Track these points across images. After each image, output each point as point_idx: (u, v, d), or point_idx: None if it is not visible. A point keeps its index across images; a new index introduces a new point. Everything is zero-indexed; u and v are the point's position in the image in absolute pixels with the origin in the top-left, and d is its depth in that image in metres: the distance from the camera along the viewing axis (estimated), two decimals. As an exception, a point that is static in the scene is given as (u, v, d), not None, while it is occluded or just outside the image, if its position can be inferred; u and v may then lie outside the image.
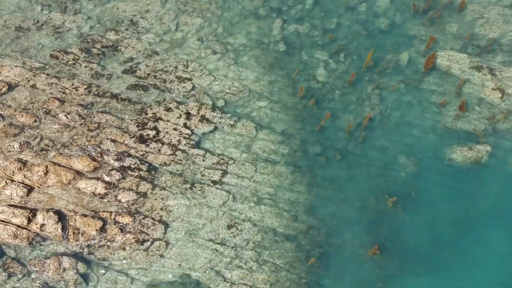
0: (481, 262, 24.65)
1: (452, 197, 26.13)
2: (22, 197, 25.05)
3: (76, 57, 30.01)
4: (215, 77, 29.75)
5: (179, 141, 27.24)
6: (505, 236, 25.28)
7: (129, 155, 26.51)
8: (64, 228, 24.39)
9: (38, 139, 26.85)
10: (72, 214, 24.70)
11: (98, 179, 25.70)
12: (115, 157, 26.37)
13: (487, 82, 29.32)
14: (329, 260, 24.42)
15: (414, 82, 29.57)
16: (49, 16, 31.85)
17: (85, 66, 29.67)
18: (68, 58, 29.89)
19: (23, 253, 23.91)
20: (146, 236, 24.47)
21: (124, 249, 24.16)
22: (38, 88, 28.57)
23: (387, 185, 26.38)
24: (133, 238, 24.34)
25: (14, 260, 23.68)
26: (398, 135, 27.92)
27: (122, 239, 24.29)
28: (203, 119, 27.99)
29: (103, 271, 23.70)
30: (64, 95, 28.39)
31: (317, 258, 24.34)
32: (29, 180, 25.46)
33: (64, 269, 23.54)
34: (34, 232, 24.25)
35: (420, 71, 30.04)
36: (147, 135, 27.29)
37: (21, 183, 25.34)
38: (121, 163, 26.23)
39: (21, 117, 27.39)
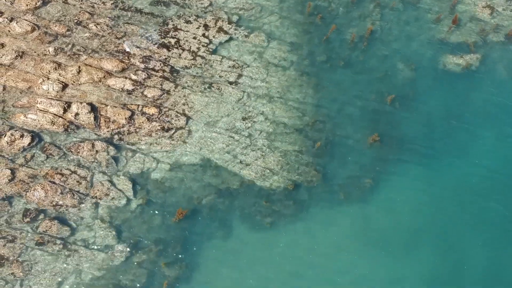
0: (470, 153, 26.41)
1: (445, 98, 27.83)
2: (57, 92, 26.74)
3: (103, -23, 31.56)
4: (230, -4, 31.37)
5: (198, 48, 28.90)
6: (492, 131, 27.01)
7: (153, 59, 28.16)
8: (96, 118, 26.10)
9: (71, 45, 28.47)
10: (103, 106, 26.41)
11: (126, 77, 27.39)
12: (141, 60, 28.03)
13: (478, 1, 30.90)
14: (334, 147, 26.18)
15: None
16: None
17: (112, -15, 31.23)
18: (96, -22, 31.45)
19: (59, 139, 25.61)
20: (170, 125, 26.21)
21: (150, 135, 25.90)
22: (69, 4, 30.13)
23: (386, 87, 28.09)
24: (159, 125, 26.08)
25: (51, 144, 25.39)
26: (396, 46, 29.56)
27: (148, 126, 26.03)
28: (220, 30, 29.63)
29: (131, 154, 25.45)
30: (93, 9, 29.98)
31: (323, 145, 26.08)
32: (63, 77, 27.14)
33: (97, 151, 25.29)
34: (69, 121, 25.95)
35: (417, -8, 31.68)
36: (169, 42, 28.93)
37: (56, 80, 27.02)
38: (146, 65, 27.90)
39: (55, 27, 28.99)
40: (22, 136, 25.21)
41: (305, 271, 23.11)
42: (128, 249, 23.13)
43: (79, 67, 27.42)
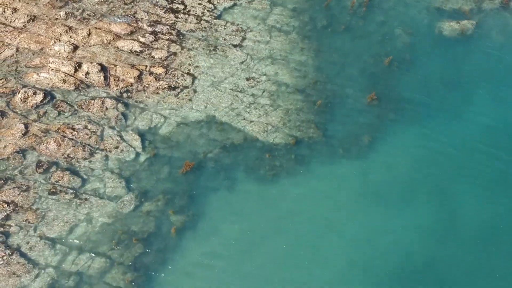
0: (465, 110, 27.08)
1: (441, 60, 28.50)
2: (68, 53, 27.41)
3: None
4: (234, -34, 31.95)
5: (203, 13, 29.55)
6: (486, 90, 27.68)
7: (160, 23, 28.81)
8: (105, 77, 26.79)
9: (81, 10, 29.13)
10: (112, 66, 27.08)
11: (134, 40, 28.06)
12: (148, 23, 28.68)
13: (474, -30, 31.59)
14: (334, 106, 26.84)
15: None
16: None
17: (120, -45, 31.84)
18: None
19: (71, 96, 26.31)
20: (177, 84, 26.89)
21: (158, 93, 26.59)
22: (79, -29, 30.76)
23: (384, 50, 28.74)
24: (166, 84, 26.76)
25: (63, 101, 26.09)
26: (395, 13, 30.20)
27: (156, 85, 26.71)
28: (224, -4, 30.33)
29: (140, 111, 26.14)
30: (102, -23, 30.62)
31: (323, 104, 26.76)
32: (74, 39, 27.82)
33: (107, 108, 25.98)
34: (79, 79, 26.63)
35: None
36: (176, 8, 29.56)
37: (67, 41, 27.69)
38: (154, 29, 28.55)
39: (65, -8, 29.66)
40: (34, 93, 25.90)
41: (305, 221, 23.79)
42: (137, 199, 23.83)
43: (89, 30, 28.09)
